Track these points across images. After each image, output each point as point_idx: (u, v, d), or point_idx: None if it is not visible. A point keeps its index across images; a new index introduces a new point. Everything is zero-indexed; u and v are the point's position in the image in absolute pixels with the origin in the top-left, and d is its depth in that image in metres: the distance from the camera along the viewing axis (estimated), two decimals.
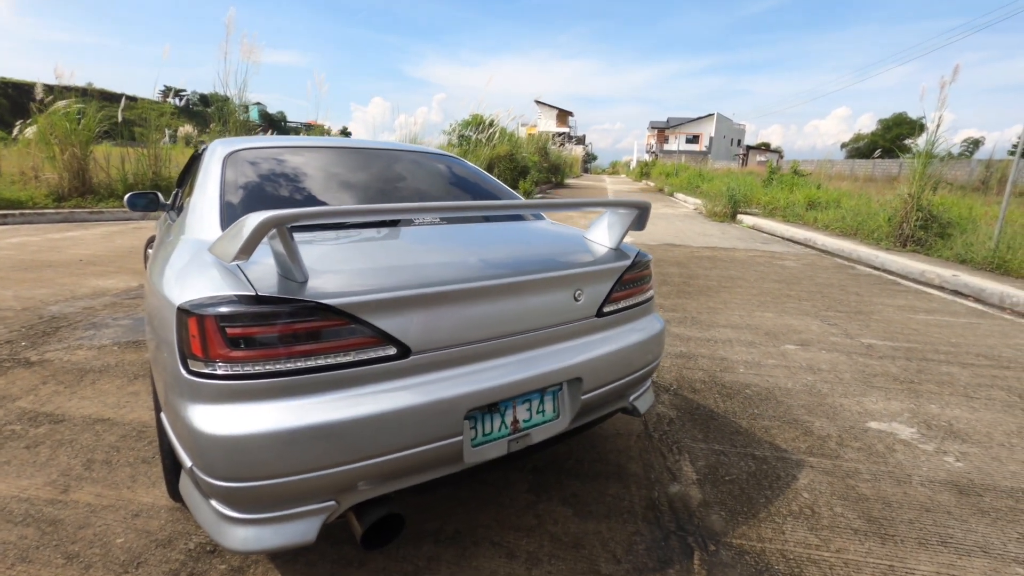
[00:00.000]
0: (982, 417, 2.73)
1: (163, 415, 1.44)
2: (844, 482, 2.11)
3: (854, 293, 5.48)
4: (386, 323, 1.25)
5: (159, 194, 3.07)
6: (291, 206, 1.81)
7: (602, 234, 1.86)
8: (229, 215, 1.66)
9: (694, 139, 69.74)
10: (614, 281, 1.72)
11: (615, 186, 29.45)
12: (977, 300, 5.44)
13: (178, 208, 2.64)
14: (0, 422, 2.35)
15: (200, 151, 2.53)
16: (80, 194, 9.39)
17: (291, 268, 1.19)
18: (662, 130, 74.44)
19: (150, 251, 3.98)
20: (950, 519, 1.91)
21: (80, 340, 3.38)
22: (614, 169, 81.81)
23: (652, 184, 30.50)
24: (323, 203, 1.88)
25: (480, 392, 1.34)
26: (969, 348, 3.81)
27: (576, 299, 1.60)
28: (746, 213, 12.17)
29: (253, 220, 1.07)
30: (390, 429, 1.22)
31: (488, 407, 1.39)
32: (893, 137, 70.80)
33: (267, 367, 1.14)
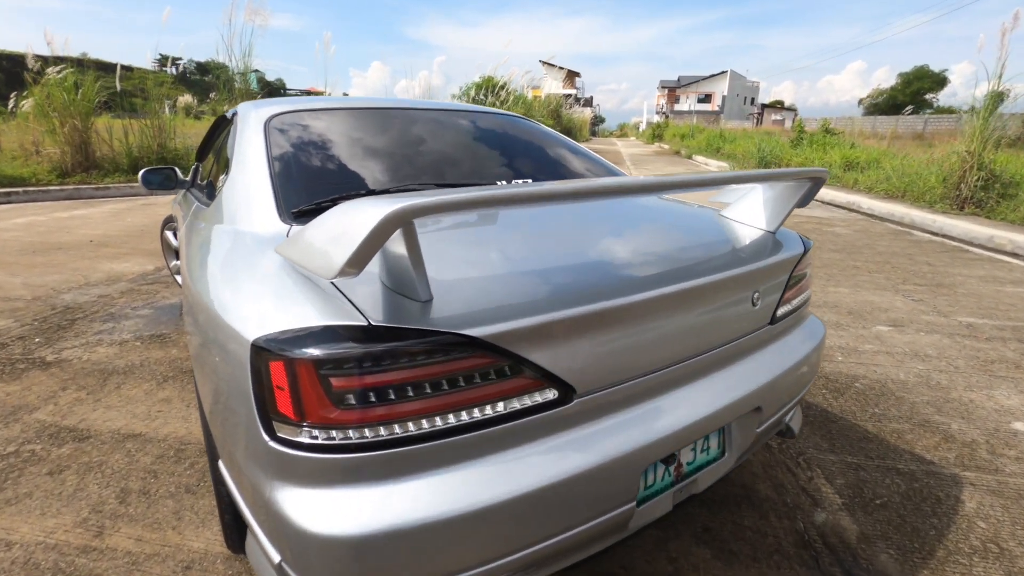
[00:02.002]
0: None
1: (223, 466, 1.10)
2: (1021, 505, 1.77)
3: (924, 263, 5.04)
4: (542, 357, 0.88)
5: (176, 169, 2.67)
6: (372, 187, 1.41)
7: (755, 214, 1.46)
8: (288, 200, 1.27)
9: (706, 98, 67.47)
10: (787, 276, 1.33)
11: (628, 149, 28.54)
12: None
13: (201, 187, 2.25)
14: (18, 441, 2.04)
15: (228, 115, 2.11)
16: (84, 169, 8.98)
17: (413, 282, 0.81)
18: (672, 89, 71.98)
19: (168, 233, 3.62)
20: None
21: (99, 335, 3.06)
22: (622, 131, 79.50)
23: (666, 147, 29.48)
24: (414, 182, 1.48)
25: (660, 441, 0.98)
26: None
27: (754, 303, 1.22)
28: None
29: (373, 213, 0.69)
30: (554, 505, 0.87)
31: (666, 458, 1.04)
32: (913, 92, 68.11)
33: (392, 431, 0.78)
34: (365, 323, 0.78)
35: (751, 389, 1.15)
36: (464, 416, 0.82)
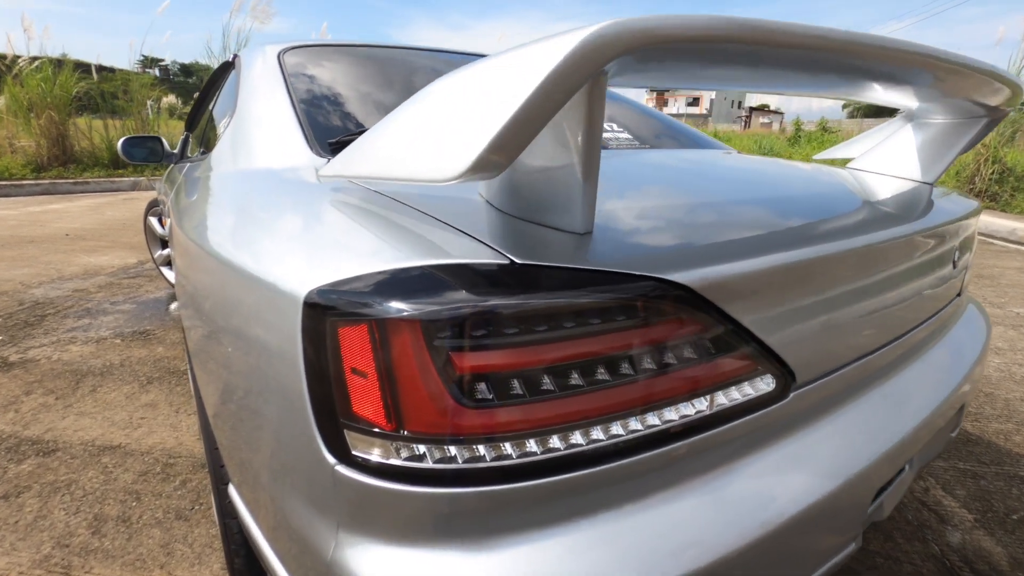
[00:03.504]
0: None
1: (235, 494, 0.77)
2: None
3: None
4: (760, 324, 0.57)
5: (163, 140, 2.32)
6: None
7: (902, 164, 1.16)
8: (319, 130, 0.95)
9: (694, 102, 68.12)
10: (970, 236, 1.04)
11: None
12: None
13: (191, 158, 1.91)
14: None
15: (230, 60, 1.77)
16: (61, 163, 8.50)
17: (574, 197, 0.49)
18: (661, 93, 72.45)
19: (152, 220, 3.25)
20: None
21: (72, 331, 2.69)
22: None
23: None
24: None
25: (894, 450, 0.68)
26: None
27: (955, 265, 0.92)
28: None
29: (567, 41, 0.37)
30: (777, 559, 0.55)
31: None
32: None
33: (548, 445, 0.46)
34: (505, 261, 0.47)
35: (958, 380, 0.86)
36: (653, 419, 0.51)
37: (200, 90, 2.40)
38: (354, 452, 0.48)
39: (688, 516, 0.52)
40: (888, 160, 1.19)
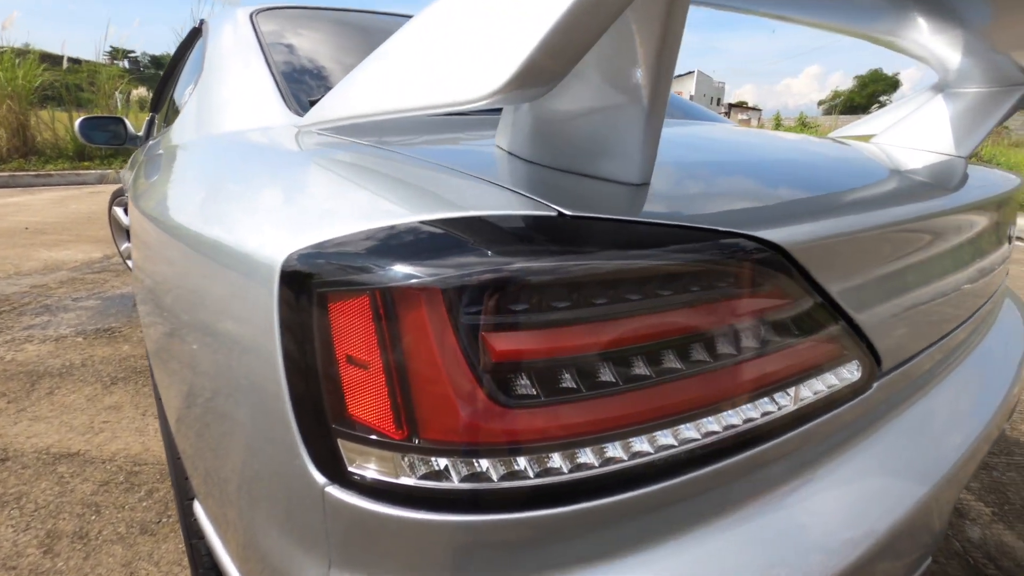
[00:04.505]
0: None
1: (201, 510, 0.65)
2: None
3: None
4: (852, 301, 0.47)
5: (126, 121, 2.14)
6: None
7: (932, 137, 1.08)
8: (297, 89, 0.82)
9: None
10: (1015, 213, 0.96)
11: None
12: None
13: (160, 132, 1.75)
14: None
15: (197, 27, 1.61)
16: (22, 155, 8.10)
17: (638, 139, 0.39)
18: None
19: (118, 210, 3.05)
20: None
21: (29, 329, 2.50)
22: None
23: None
24: None
25: (974, 447, 0.59)
26: None
27: (1009, 241, 0.84)
28: None
29: None
30: (870, 572, 0.45)
31: None
32: (870, 94, 71.19)
33: (605, 453, 0.36)
34: (552, 212, 0.36)
35: (1015, 371, 0.78)
36: (733, 418, 0.41)
37: (166, 68, 2.23)
38: (351, 468, 0.37)
39: (776, 535, 0.42)
40: (915, 134, 1.11)
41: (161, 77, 2.28)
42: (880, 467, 0.51)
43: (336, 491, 0.37)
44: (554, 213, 0.37)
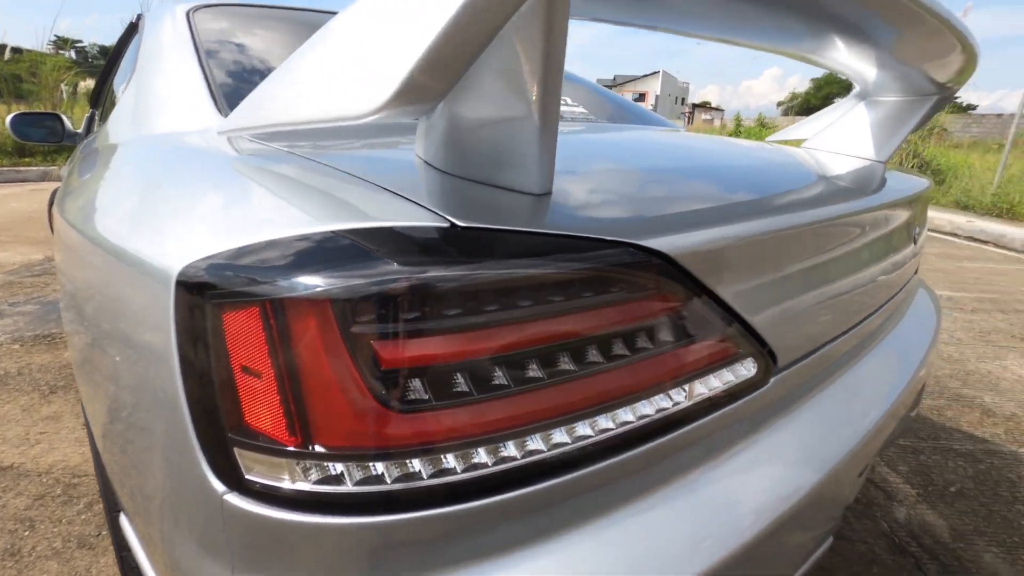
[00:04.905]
0: None
1: (126, 524, 0.64)
2: None
3: None
4: (741, 301, 0.50)
5: (64, 117, 2.05)
6: None
7: (855, 142, 1.15)
8: (227, 92, 0.81)
9: (640, 97, 69.71)
10: (925, 216, 1.03)
11: None
12: (997, 245, 5.27)
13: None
14: None
15: (134, 21, 1.56)
16: None
17: (534, 151, 0.40)
18: (610, 87, 73.82)
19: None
20: None
21: None
22: None
23: None
24: None
25: (874, 433, 0.63)
26: None
27: (915, 241, 0.90)
28: None
29: None
30: (763, 561, 0.49)
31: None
32: (825, 96, 74.08)
33: (499, 452, 0.38)
34: (445, 224, 0.37)
35: (922, 355, 0.84)
36: (627, 415, 0.43)
37: (106, 63, 2.13)
38: (248, 476, 0.38)
39: (669, 525, 0.45)
40: (840, 139, 1.18)
41: (101, 71, 2.18)
42: (778, 456, 0.54)
43: (234, 499, 0.38)
44: (447, 224, 0.39)
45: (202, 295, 0.37)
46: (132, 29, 1.58)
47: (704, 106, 64.33)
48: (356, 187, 0.43)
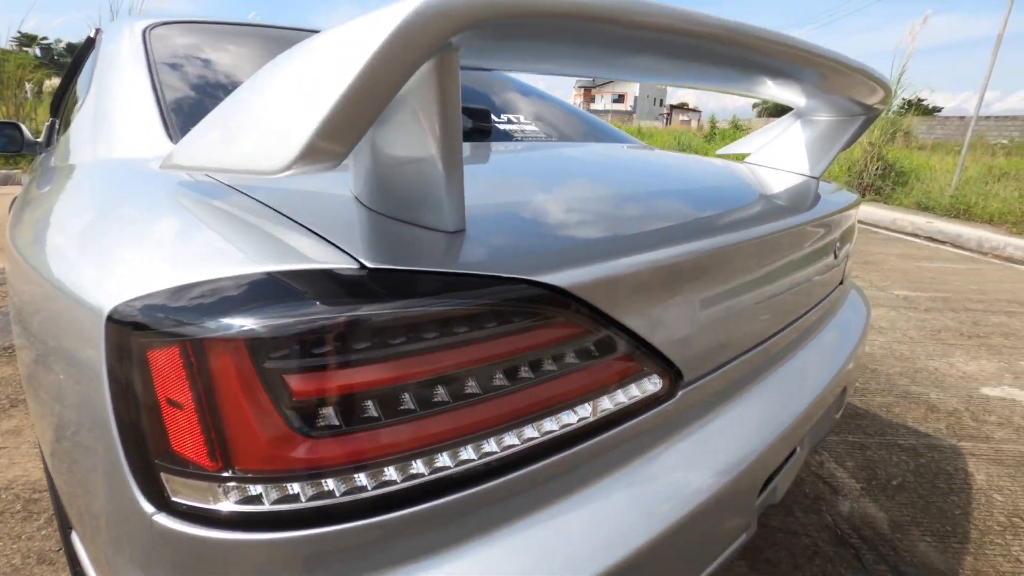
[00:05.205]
0: None
1: (77, 541, 0.66)
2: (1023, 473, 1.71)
3: None
4: (642, 323, 0.55)
5: (22, 126, 2.02)
6: None
7: (792, 158, 1.22)
8: (179, 117, 0.83)
9: (619, 98, 70.41)
10: (851, 228, 1.10)
11: None
12: (955, 245, 5.48)
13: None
14: None
15: (91, 37, 1.55)
16: None
17: (439, 191, 0.45)
18: (588, 89, 74.23)
19: None
20: None
21: None
22: None
23: None
24: None
25: (780, 441, 0.69)
26: (996, 295, 3.68)
27: (836, 256, 0.97)
28: None
29: (392, 16, 0.34)
30: (672, 558, 0.54)
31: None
32: None
33: (408, 471, 0.42)
34: (353, 265, 0.41)
35: (842, 362, 0.90)
36: (531, 431, 0.47)
37: (67, 71, 2.11)
38: (174, 498, 0.41)
39: (579, 527, 0.50)
40: (779, 155, 1.25)
41: (61, 81, 2.15)
42: (686, 462, 0.59)
43: (163, 519, 0.41)
44: (356, 266, 0.42)
45: (129, 333, 0.40)
46: (90, 43, 1.57)
47: (682, 107, 65.18)
48: (282, 226, 0.46)
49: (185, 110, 0.86)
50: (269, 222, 0.47)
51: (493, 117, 1.20)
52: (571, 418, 0.51)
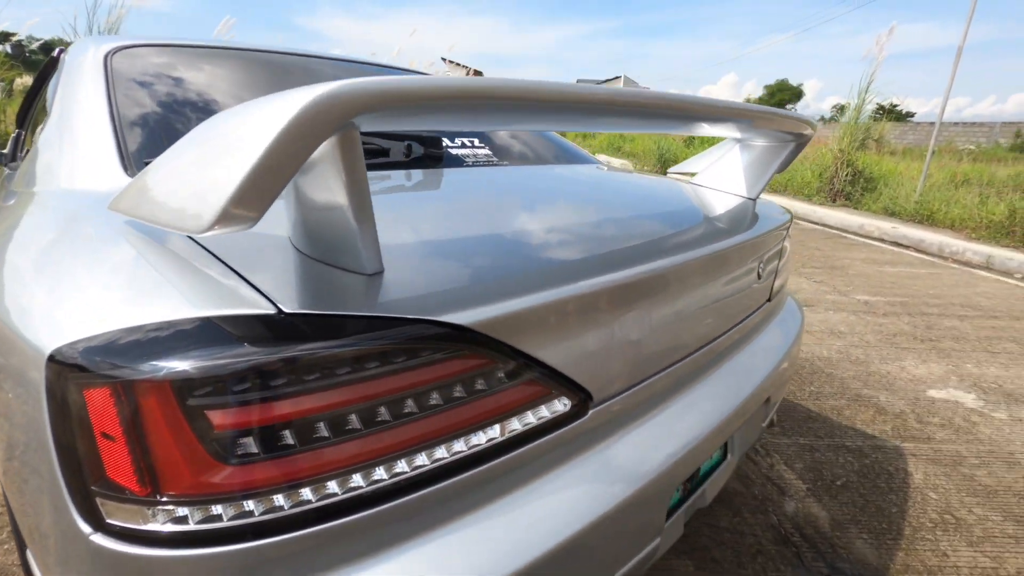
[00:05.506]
0: (1020, 374, 2.62)
1: (32, 560, 0.69)
2: (958, 472, 1.82)
3: (815, 248, 5.48)
4: (551, 353, 0.61)
5: None
6: None
7: (733, 181, 1.29)
8: (138, 146, 0.87)
9: None
10: (781, 246, 1.18)
11: None
12: (918, 250, 5.68)
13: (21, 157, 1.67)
14: None
15: (55, 55, 1.57)
16: None
17: (354, 241, 0.50)
18: None
19: None
20: None
21: None
22: None
23: None
24: None
25: (691, 452, 0.76)
26: (950, 299, 3.83)
27: (759, 276, 1.04)
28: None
29: (290, 101, 0.39)
30: (579, 562, 0.59)
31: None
32: (777, 102, 77.27)
33: (325, 491, 0.47)
34: (272, 311, 0.46)
35: (763, 377, 0.98)
36: (442, 451, 0.53)
37: (34, 81, 2.10)
38: (109, 520, 0.45)
39: (490, 536, 0.55)
40: (721, 176, 1.33)
41: (26, 94, 2.15)
42: (595, 474, 0.65)
43: (99, 539, 0.45)
44: (273, 311, 0.47)
45: (68, 373, 0.45)
46: (53, 63, 1.58)
47: None
48: (216, 271, 0.51)
49: (142, 142, 0.89)
50: (206, 266, 0.51)
51: (446, 142, 1.25)
52: (480, 439, 0.56)
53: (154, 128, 0.95)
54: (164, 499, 0.44)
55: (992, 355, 2.84)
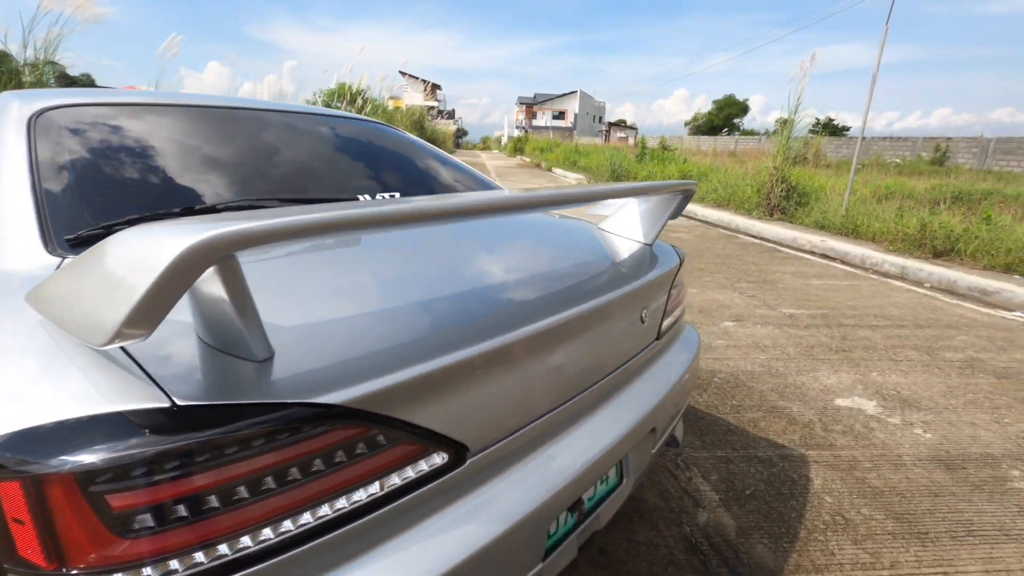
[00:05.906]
0: (916, 380, 2.90)
1: None
2: (852, 475, 2.02)
3: (751, 262, 5.82)
4: (425, 416, 0.71)
5: None
6: (192, 204, 1.10)
7: (632, 227, 1.45)
8: (61, 220, 0.92)
9: (560, 115, 72.42)
10: (669, 288, 1.33)
11: (492, 162, 29.34)
12: (843, 262, 6.13)
13: None
14: None
15: None
16: None
17: (242, 336, 0.59)
18: (530, 106, 75.96)
19: None
20: (959, 502, 1.89)
21: None
22: (485, 144, 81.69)
23: (527, 160, 30.87)
24: (249, 199, 1.17)
25: (567, 487, 0.87)
26: (866, 310, 4.17)
27: (643, 320, 1.18)
28: None
29: (170, 243, 0.47)
30: None
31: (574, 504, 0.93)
32: (725, 116, 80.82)
33: (216, 554, 0.55)
34: (167, 404, 0.54)
35: (647, 410, 1.11)
36: (326, 509, 0.62)
37: None
38: None
39: (383, 568, 0.65)
40: (621, 223, 1.48)
41: None
42: (472, 515, 0.75)
43: None
44: (168, 404, 0.56)
45: None
46: None
47: (620, 124, 68.02)
48: (120, 365, 0.58)
49: (66, 218, 0.93)
50: (112, 361, 0.59)
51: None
52: (360, 495, 0.65)
53: (81, 200, 1.00)
54: (73, 573, 0.51)
55: (895, 363, 3.13)
